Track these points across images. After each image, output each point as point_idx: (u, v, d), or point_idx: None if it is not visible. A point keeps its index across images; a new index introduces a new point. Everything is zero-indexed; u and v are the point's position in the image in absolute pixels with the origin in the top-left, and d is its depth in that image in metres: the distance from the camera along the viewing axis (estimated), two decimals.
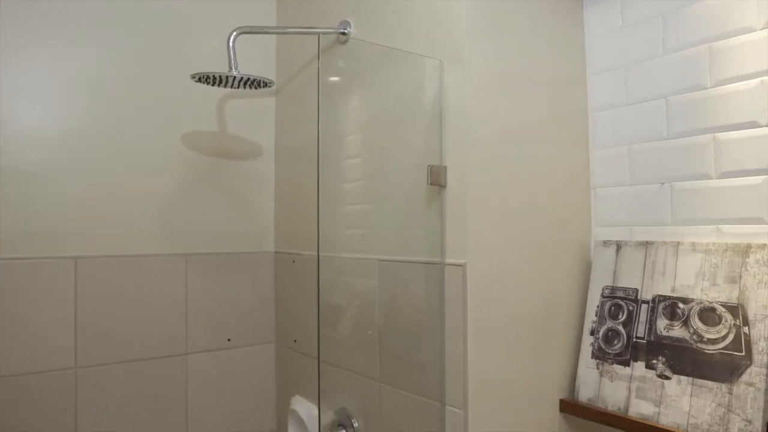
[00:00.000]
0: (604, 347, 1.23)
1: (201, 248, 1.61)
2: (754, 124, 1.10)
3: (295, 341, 1.63)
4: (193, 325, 1.59)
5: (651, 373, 1.14)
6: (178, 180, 1.58)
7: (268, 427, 1.73)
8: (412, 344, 1.22)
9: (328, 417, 1.47)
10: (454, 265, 1.10)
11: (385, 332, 1.29)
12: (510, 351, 1.17)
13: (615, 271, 1.26)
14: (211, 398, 1.62)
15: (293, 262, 1.63)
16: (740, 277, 1.07)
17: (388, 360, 1.28)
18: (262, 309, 1.72)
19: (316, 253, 1.54)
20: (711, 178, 1.16)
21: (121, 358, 1.48)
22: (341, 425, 1.40)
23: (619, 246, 1.27)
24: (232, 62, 1.30)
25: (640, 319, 1.19)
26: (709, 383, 1.06)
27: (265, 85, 1.42)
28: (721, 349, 1.06)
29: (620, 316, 1.22)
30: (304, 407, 1.55)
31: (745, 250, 1.08)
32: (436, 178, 1.12)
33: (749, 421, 0.99)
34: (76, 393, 1.42)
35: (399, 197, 1.25)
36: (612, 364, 1.21)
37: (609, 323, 1.24)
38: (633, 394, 1.16)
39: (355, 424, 1.37)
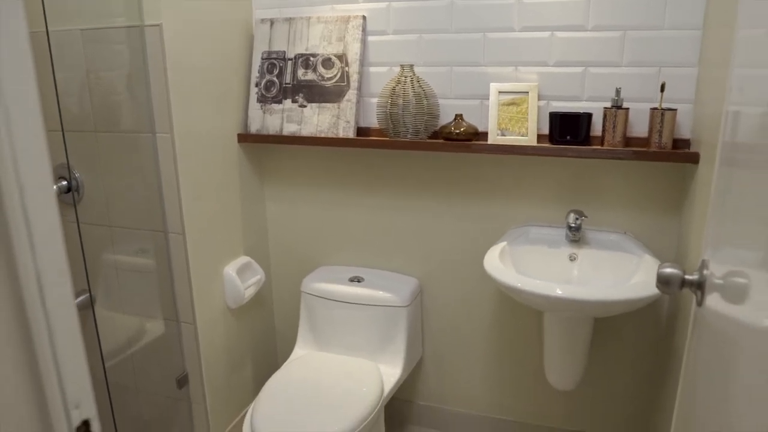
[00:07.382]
0: (265, 94, 1.78)
1: None
2: None
3: None
4: None
5: (295, 105, 1.74)
6: None
7: None
8: (123, 94, 1.56)
9: None
10: (152, 25, 1.45)
11: (98, 92, 1.58)
12: (199, 100, 1.61)
13: (270, 40, 1.78)
14: None
15: None
16: (344, 37, 1.69)
17: (102, 111, 1.59)
18: None
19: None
20: None
21: None
22: (61, 178, 1.68)
23: (272, 22, 1.78)
24: None
25: (287, 71, 1.75)
26: (328, 105, 1.70)
27: None
28: (334, 83, 1.70)
29: (274, 71, 1.76)
30: None
31: (347, 20, 1.70)
32: None
33: (348, 121, 1.68)
34: None
35: None
36: (271, 104, 1.77)
37: (267, 77, 1.77)
38: (284, 120, 1.75)
39: (77, 174, 1.67)
